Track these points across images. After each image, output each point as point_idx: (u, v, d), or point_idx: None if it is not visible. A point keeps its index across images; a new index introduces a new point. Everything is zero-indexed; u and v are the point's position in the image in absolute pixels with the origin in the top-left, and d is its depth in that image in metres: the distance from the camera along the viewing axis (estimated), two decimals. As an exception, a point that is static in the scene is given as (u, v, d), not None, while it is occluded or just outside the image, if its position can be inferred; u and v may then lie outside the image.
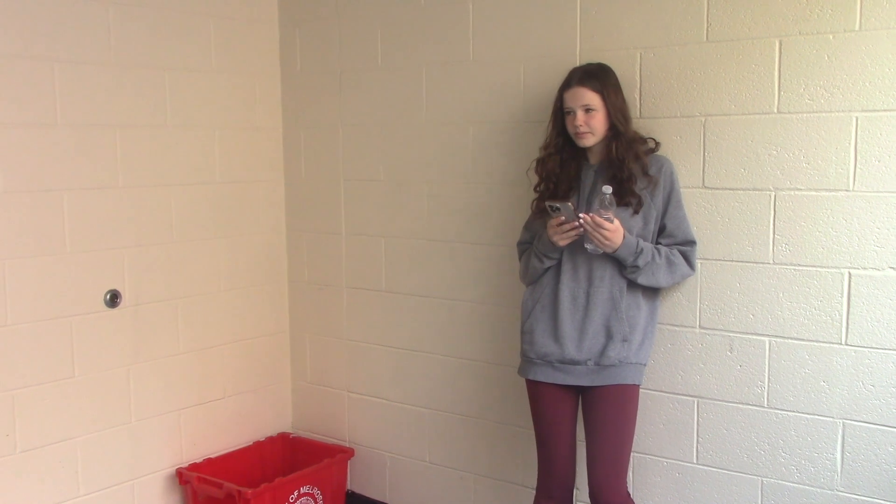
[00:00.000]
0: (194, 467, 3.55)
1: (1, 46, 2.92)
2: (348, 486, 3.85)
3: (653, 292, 2.81)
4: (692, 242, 2.78)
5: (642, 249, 2.68)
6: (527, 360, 2.86)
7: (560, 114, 2.78)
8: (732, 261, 2.79)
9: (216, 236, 3.67)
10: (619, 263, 2.71)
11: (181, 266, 3.54)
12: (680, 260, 2.77)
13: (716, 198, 2.80)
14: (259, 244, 3.87)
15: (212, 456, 3.66)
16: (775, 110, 2.67)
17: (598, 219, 2.61)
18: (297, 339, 4.01)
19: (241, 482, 3.42)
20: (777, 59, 2.65)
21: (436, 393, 3.55)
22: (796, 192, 2.66)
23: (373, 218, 3.67)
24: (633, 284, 2.74)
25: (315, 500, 3.59)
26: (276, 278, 3.95)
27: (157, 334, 3.47)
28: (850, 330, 2.63)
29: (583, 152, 2.81)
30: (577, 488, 2.94)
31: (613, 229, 2.62)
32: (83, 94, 3.16)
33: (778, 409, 2.76)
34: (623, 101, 2.77)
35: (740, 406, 2.82)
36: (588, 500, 2.82)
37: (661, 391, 2.96)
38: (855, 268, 2.60)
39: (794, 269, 2.69)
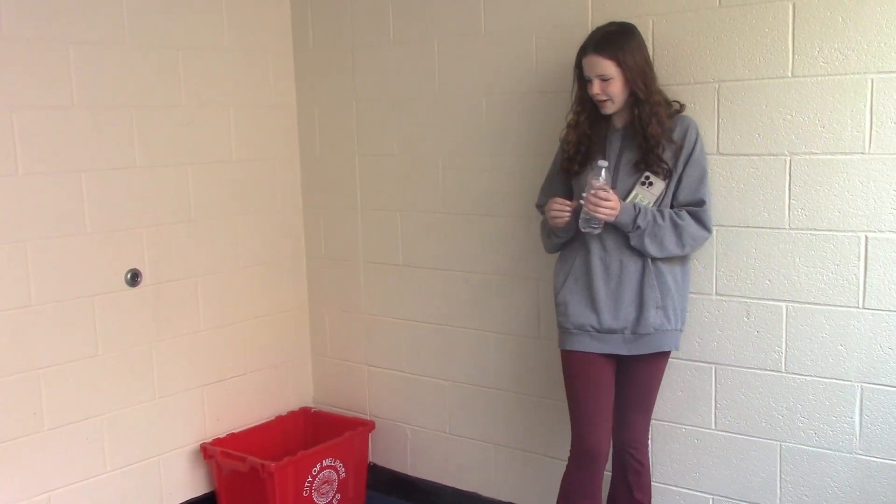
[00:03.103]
0: (218, 442, 3.60)
1: (16, 29, 2.94)
2: (370, 459, 3.90)
3: (681, 260, 2.78)
4: (701, 202, 2.70)
5: (640, 210, 2.66)
6: (564, 332, 2.81)
7: (581, 79, 2.75)
8: (748, 227, 2.78)
9: (234, 214, 3.70)
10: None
11: (200, 244, 3.57)
12: (688, 220, 2.69)
13: (730, 164, 2.79)
14: (276, 221, 3.89)
15: (235, 431, 3.71)
16: (790, 74, 2.65)
17: (601, 192, 2.60)
18: (317, 314, 4.04)
19: (264, 456, 3.46)
20: (791, 23, 2.63)
21: (455, 365, 3.57)
22: (812, 157, 2.65)
23: (388, 192, 3.68)
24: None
25: (337, 472, 3.64)
26: (293, 254, 3.98)
27: (178, 312, 3.51)
28: (867, 293, 2.62)
29: (608, 115, 2.78)
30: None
31: (613, 200, 2.62)
32: (98, 74, 3.18)
33: (796, 373, 2.76)
34: (645, 62, 2.69)
35: (758, 372, 2.83)
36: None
37: (678, 358, 2.96)
38: (872, 231, 2.59)
39: (811, 234, 2.68)
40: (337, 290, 3.94)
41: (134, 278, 3.32)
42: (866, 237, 2.60)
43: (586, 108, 2.78)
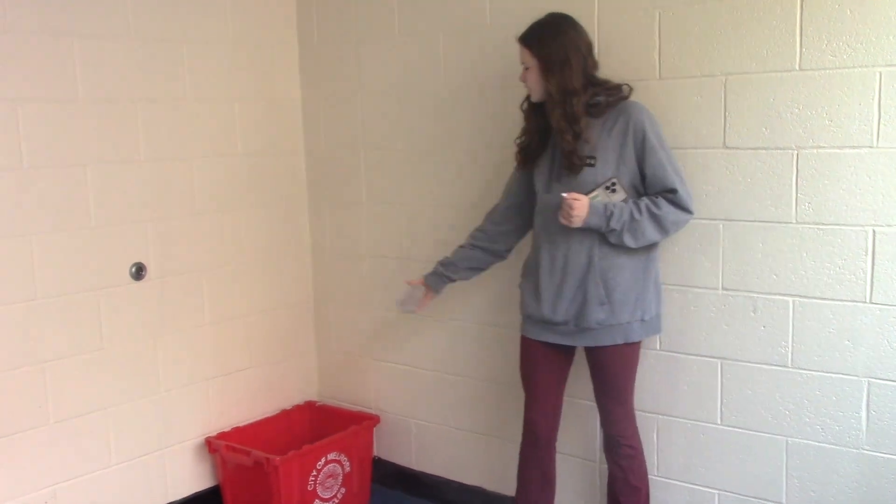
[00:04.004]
0: (223, 436, 3.60)
1: (21, 22, 2.94)
2: (375, 453, 3.90)
3: (641, 250, 2.76)
4: (672, 190, 2.68)
5: (612, 212, 2.66)
6: (522, 317, 2.97)
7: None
8: (754, 221, 2.77)
9: (239, 208, 3.69)
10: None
11: (205, 238, 3.57)
12: (666, 208, 2.68)
13: (737, 158, 2.77)
14: (281, 215, 3.89)
15: (240, 425, 3.71)
16: (797, 68, 2.64)
17: (567, 201, 2.64)
18: (321, 308, 4.04)
19: (269, 450, 3.46)
20: (798, 15, 2.61)
21: (460, 359, 3.57)
22: (819, 150, 2.63)
23: (393, 186, 3.68)
24: (613, 247, 2.72)
25: (342, 466, 3.64)
26: (298, 248, 3.98)
27: (183, 306, 3.51)
28: (874, 288, 2.61)
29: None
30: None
31: (577, 208, 2.64)
32: (103, 68, 3.18)
33: (802, 369, 2.75)
34: (566, 55, 2.68)
35: (764, 367, 2.82)
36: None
37: (684, 353, 2.96)
38: (879, 225, 2.57)
39: (818, 228, 2.67)
40: (342, 284, 3.94)
41: (139, 272, 3.32)
42: (874, 231, 2.59)
43: (527, 99, 2.87)
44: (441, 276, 3.12)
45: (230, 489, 3.57)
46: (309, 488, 3.50)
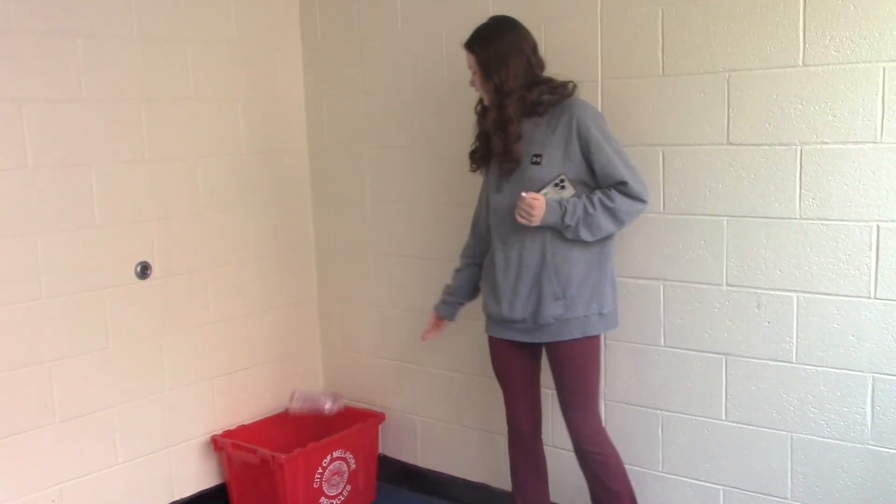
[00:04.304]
0: (228, 434, 3.61)
1: (25, 22, 2.94)
2: (380, 450, 3.90)
3: (594, 244, 2.77)
4: (622, 183, 2.69)
5: (566, 209, 2.69)
6: (485, 317, 3.00)
7: None
8: (758, 217, 2.77)
9: (243, 206, 3.70)
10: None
11: (209, 237, 3.58)
12: (619, 200, 2.70)
13: (741, 154, 2.77)
14: (285, 213, 3.89)
15: (245, 423, 3.72)
16: (800, 63, 2.64)
17: (524, 201, 2.67)
18: (326, 306, 4.04)
19: (275, 448, 3.47)
20: (802, 11, 2.61)
21: (465, 356, 3.57)
22: (823, 146, 2.63)
23: (397, 184, 3.68)
24: (566, 242, 2.74)
25: (348, 464, 3.65)
26: (303, 246, 3.98)
27: (188, 304, 3.52)
28: (878, 283, 2.61)
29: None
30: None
31: (536, 207, 2.66)
32: (107, 68, 3.18)
33: (807, 364, 2.75)
34: (509, 57, 2.73)
35: (769, 362, 2.82)
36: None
37: (688, 349, 2.96)
38: (883, 220, 2.57)
39: (822, 224, 2.67)
40: (346, 281, 3.94)
41: (144, 271, 3.33)
42: (878, 227, 2.58)
43: (481, 101, 2.90)
44: (450, 305, 3.14)
45: (236, 487, 3.58)
46: (315, 486, 3.50)
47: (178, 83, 3.42)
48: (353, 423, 3.73)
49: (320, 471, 3.52)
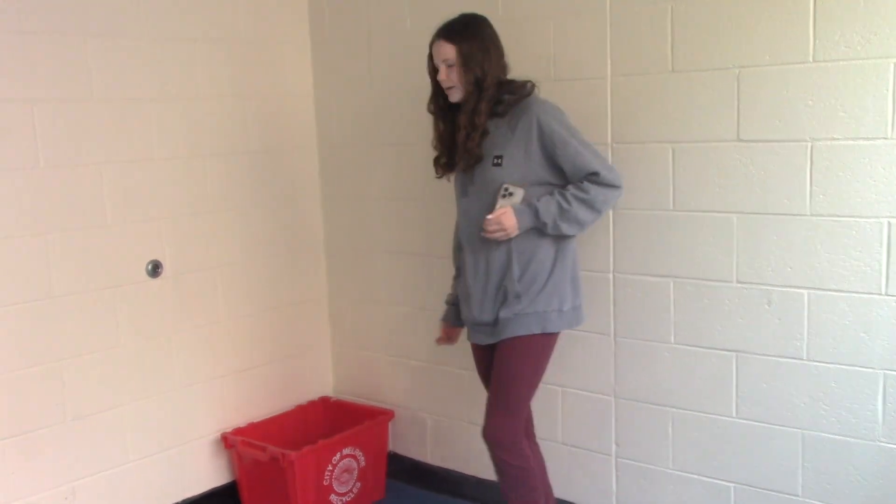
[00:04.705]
0: (238, 432, 3.62)
1: (36, 23, 2.95)
2: (390, 448, 3.91)
3: (554, 241, 2.76)
4: (594, 174, 2.68)
5: (537, 209, 2.67)
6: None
7: (432, 70, 2.83)
8: (769, 213, 2.76)
9: (253, 204, 3.71)
10: None
11: (220, 235, 3.59)
12: (594, 190, 2.68)
13: (751, 150, 2.77)
14: (295, 211, 3.90)
15: (255, 420, 3.73)
16: (811, 59, 2.63)
17: (487, 224, 2.69)
18: (336, 304, 4.05)
19: (285, 445, 3.48)
20: (812, 7, 2.60)
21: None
22: (833, 142, 2.62)
23: (407, 181, 3.68)
24: (531, 241, 2.72)
25: (357, 461, 3.65)
26: (313, 244, 3.99)
27: (199, 302, 3.53)
28: (890, 280, 2.59)
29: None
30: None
31: (503, 223, 2.67)
32: (117, 67, 3.19)
33: (818, 361, 2.75)
34: (489, 49, 2.74)
35: (780, 359, 2.81)
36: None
37: (699, 347, 2.96)
38: (895, 217, 2.56)
39: (833, 220, 2.66)
40: (356, 280, 3.95)
41: (155, 269, 3.34)
42: (889, 223, 2.57)
43: (438, 102, 2.87)
44: (454, 311, 3.10)
45: (246, 484, 3.59)
46: (325, 483, 3.51)
47: (188, 82, 3.43)
48: (363, 420, 3.74)
49: (330, 468, 3.53)
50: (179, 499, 3.50)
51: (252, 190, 3.70)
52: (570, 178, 2.72)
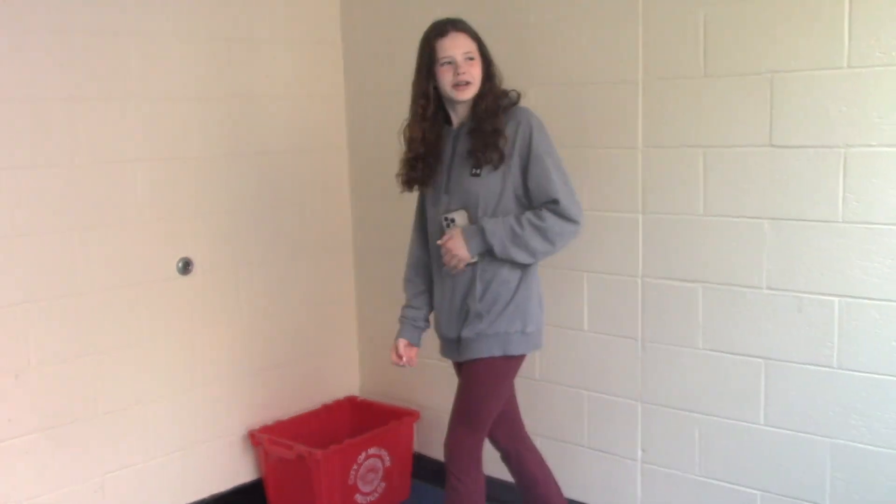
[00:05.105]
0: (265, 429, 3.64)
1: (76, 22, 3.00)
2: (415, 448, 3.91)
3: (519, 266, 2.65)
4: (554, 202, 2.54)
5: (484, 228, 2.56)
6: None
7: (430, 68, 2.62)
8: (800, 220, 2.74)
9: (283, 204, 3.73)
10: None
11: (250, 234, 3.62)
12: (550, 220, 2.55)
13: (783, 156, 2.74)
14: (324, 211, 3.92)
15: (282, 419, 3.76)
16: (845, 65, 2.60)
17: (444, 249, 2.63)
18: (364, 303, 4.06)
19: (311, 444, 3.50)
20: (847, 12, 2.57)
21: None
22: (868, 149, 2.59)
23: (435, 183, 3.68)
24: (497, 260, 2.61)
25: (382, 461, 3.66)
26: (341, 244, 4.01)
27: (228, 300, 3.56)
28: (923, 289, 2.57)
29: (445, 114, 2.71)
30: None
31: (455, 250, 2.61)
32: (155, 67, 3.23)
33: (848, 369, 2.72)
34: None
35: (809, 367, 2.79)
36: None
37: (727, 352, 2.94)
38: (929, 225, 2.54)
39: (865, 227, 2.63)
40: (384, 279, 3.95)
41: (186, 266, 3.37)
42: (923, 231, 2.55)
43: (431, 103, 2.66)
44: (417, 329, 2.93)
45: (272, 482, 3.61)
46: (350, 482, 3.53)
47: (221, 82, 3.46)
48: (388, 420, 3.75)
49: (355, 467, 3.54)
50: (206, 495, 3.53)
51: (282, 189, 3.73)
52: (532, 198, 2.60)
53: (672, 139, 2.95)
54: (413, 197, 2.96)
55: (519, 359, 2.74)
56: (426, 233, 2.87)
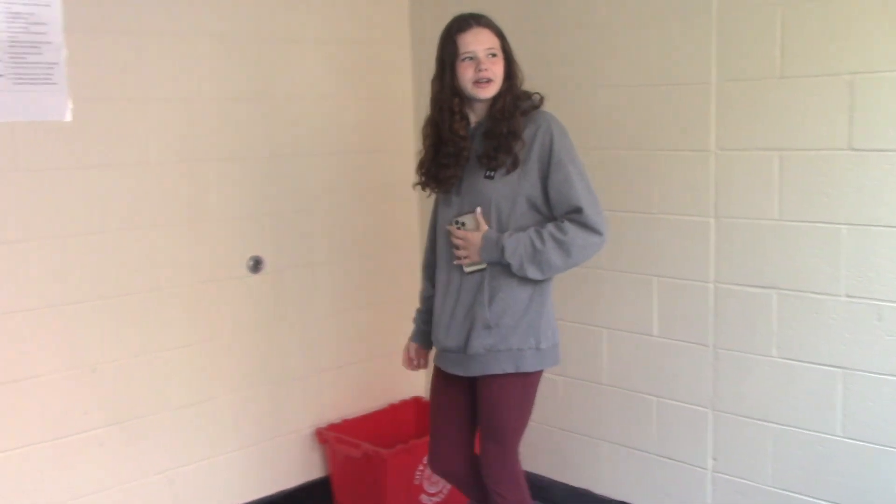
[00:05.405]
0: (332, 428, 3.67)
1: (149, 23, 3.06)
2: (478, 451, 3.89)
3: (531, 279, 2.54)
4: (577, 209, 2.43)
5: (504, 246, 2.45)
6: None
7: (451, 64, 2.50)
8: (881, 225, 2.64)
9: (351, 204, 3.76)
10: None
11: (318, 233, 3.65)
12: (573, 232, 2.43)
13: (863, 160, 2.65)
14: (392, 211, 3.93)
15: (349, 417, 3.78)
16: (931, 65, 2.51)
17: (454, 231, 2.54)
18: (430, 305, 4.06)
19: (377, 443, 3.51)
20: (934, 10, 2.48)
21: (570, 360, 3.52)
22: (954, 153, 2.50)
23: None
24: (507, 269, 2.50)
25: (448, 462, 3.66)
26: (409, 245, 4.01)
27: (297, 299, 3.60)
28: None
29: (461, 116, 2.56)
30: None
31: (466, 249, 2.52)
32: (225, 67, 3.28)
33: (931, 381, 2.62)
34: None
35: (889, 378, 2.69)
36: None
37: (802, 361, 2.86)
38: None
39: (951, 235, 2.53)
40: (450, 281, 3.95)
41: (256, 265, 3.42)
42: None
43: (463, 100, 2.53)
44: (428, 332, 2.82)
45: (339, 480, 3.64)
46: (415, 482, 3.53)
47: (290, 82, 3.50)
48: (455, 422, 3.74)
49: (421, 468, 3.54)
50: (273, 491, 3.58)
51: (351, 189, 3.75)
52: (553, 207, 2.49)
53: (746, 142, 2.88)
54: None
55: (536, 374, 2.62)
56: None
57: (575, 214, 2.45)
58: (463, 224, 2.57)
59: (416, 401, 4.04)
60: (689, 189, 3.05)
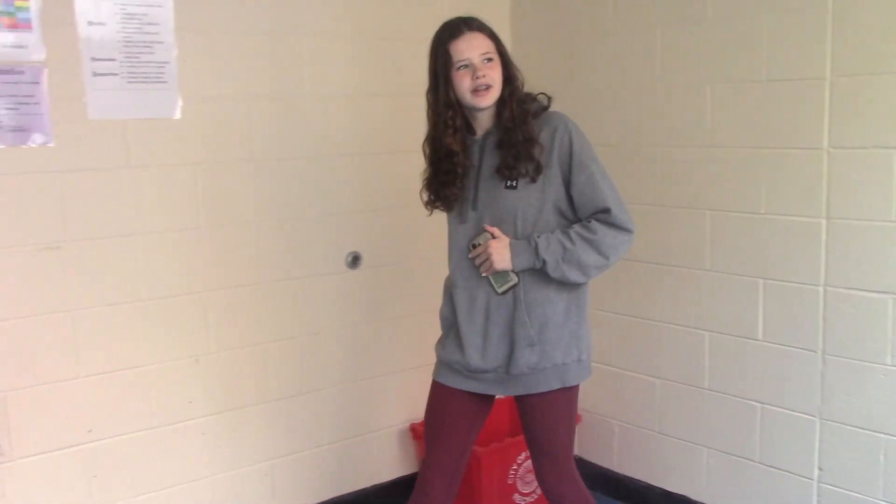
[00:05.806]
0: (427, 424, 3.68)
1: (253, 24, 3.12)
2: (575, 452, 3.85)
3: (568, 288, 2.44)
4: (605, 210, 2.34)
5: (537, 243, 2.35)
6: (438, 362, 2.65)
7: (445, 74, 2.38)
8: None
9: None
10: None
11: (414, 229, 3.64)
12: (601, 231, 2.35)
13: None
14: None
15: (443, 414, 3.78)
16: None
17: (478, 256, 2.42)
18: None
19: (472, 441, 3.50)
20: None
21: (665, 362, 3.46)
22: None
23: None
24: (541, 279, 2.40)
25: (542, 462, 3.63)
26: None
27: (394, 295, 3.62)
28: None
29: (466, 124, 2.46)
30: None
31: (490, 254, 2.39)
32: (325, 65, 3.31)
33: None
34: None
35: None
36: None
37: (854, 359, 2.80)
38: None
39: None
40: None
41: (355, 261, 3.45)
42: None
43: (458, 112, 2.41)
44: None
45: (432, 476, 3.64)
46: (509, 482, 3.52)
47: (387, 80, 3.50)
48: (550, 422, 3.70)
49: (514, 467, 3.52)
50: (368, 484, 3.61)
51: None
52: (578, 209, 2.41)
53: (861, 140, 2.76)
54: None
55: (576, 387, 2.56)
56: None
57: (602, 215, 2.38)
58: (479, 244, 2.47)
59: (510, 400, 4.00)
60: (800, 189, 2.94)
